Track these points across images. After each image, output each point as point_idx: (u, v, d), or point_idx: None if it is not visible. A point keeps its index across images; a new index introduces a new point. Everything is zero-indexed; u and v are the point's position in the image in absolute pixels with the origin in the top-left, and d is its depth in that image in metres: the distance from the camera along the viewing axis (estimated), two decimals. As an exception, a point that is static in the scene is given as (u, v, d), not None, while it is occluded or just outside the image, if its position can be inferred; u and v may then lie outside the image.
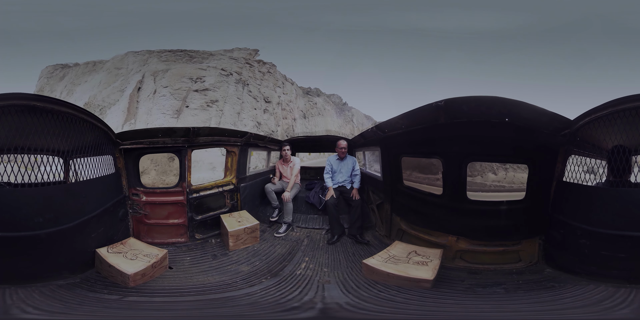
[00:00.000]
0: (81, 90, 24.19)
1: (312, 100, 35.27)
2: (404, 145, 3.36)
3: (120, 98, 21.19)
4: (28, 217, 2.20)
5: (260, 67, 25.84)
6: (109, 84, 22.94)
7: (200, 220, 3.83)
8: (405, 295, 2.35)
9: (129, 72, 23.23)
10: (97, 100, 21.80)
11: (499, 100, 2.30)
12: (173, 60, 22.87)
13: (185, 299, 2.38)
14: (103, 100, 21.70)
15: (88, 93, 23.17)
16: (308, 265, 3.12)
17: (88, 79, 24.94)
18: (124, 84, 22.24)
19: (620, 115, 2.13)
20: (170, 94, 20.19)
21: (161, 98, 20.11)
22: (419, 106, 2.61)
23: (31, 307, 1.90)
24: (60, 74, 27.87)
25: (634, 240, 2.04)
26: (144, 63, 23.33)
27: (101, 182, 2.95)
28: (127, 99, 20.52)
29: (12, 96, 2.11)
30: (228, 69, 22.61)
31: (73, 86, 25.07)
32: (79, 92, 24.11)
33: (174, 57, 23.35)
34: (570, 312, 1.92)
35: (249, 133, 4.43)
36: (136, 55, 24.46)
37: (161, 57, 23.49)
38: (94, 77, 24.83)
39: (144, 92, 20.74)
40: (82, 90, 24.15)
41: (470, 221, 2.83)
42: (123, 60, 24.73)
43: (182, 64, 22.44)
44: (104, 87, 22.97)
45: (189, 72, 21.23)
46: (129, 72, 23.13)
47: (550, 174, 2.61)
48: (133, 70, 23.14)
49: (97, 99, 21.98)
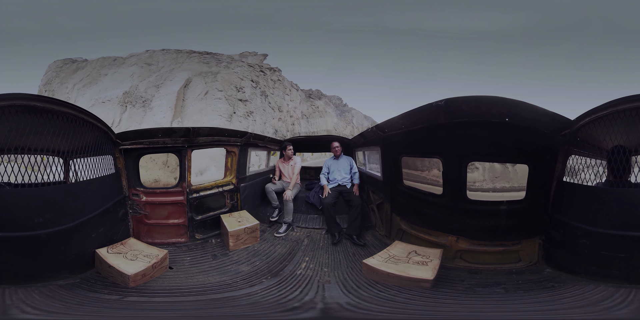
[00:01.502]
0: (107, 80, 24.61)
1: (314, 104, 35.86)
2: (404, 145, 3.36)
3: (156, 93, 22.17)
4: (28, 217, 2.20)
5: (271, 75, 27.32)
6: (142, 77, 23.64)
7: (200, 220, 3.82)
8: (405, 295, 2.35)
9: (160, 68, 24.18)
10: (139, 92, 22.62)
11: (499, 100, 2.30)
12: (205, 62, 24.29)
13: (186, 299, 2.37)
14: (145, 92, 22.53)
15: (120, 84, 23.75)
16: (308, 265, 3.12)
17: (108, 72, 25.33)
18: (159, 79, 23.12)
19: (620, 116, 2.13)
20: (225, 98, 22.14)
21: (216, 100, 21.82)
22: (419, 106, 2.61)
23: (30, 307, 1.89)
24: (73, 67, 28.02)
25: (634, 240, 2.04)
26: (175, 62, 24.31)
27: (101, 183, 2.95)
28: (173, 96, 21.64)
29: (12, 96, 2.11)
30: (248, 77, 24.75)
31: (93, 78, 25.37)
32: (104, 82, 24.54)
33: (206, 59, 24.70)
34: (570, 312, 1.92)
35: (248, 133, 4.42)
36: (165, 53, 25.31)
37: (192, 58, 24.53)
38: (118, 70, 25.28)
39: (192, 91, 22.02)
40: (107, 80, 24.58)
41: (470, 221, 2.83)
42: (152, 56, 25.31)
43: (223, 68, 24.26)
44: (139, 80, 23.59)
45: (234, 80, 23.48)
46: (160, 69, 24.09)
47: (550, 174, 2.60)
48: (165, 67, 24.11)
49: (139, 90, 22.78)
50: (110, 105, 22.35)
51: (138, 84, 23.22)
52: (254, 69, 25.91)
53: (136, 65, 24.98)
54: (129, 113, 21.88)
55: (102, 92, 23.29)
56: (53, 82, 27.23)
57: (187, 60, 24.80)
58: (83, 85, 25.00)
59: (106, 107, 22.23)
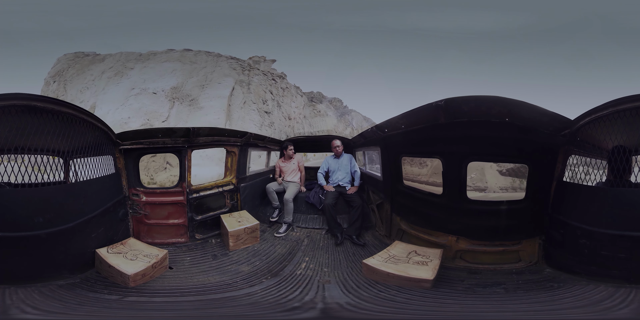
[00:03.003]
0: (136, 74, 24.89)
1: (316, 108, 36.48)
2: (404, 145, 3.36)
3: (201, 93, 23.04)
4: (28, 217, 2.20)
5: (280, 83, 28.44)
6: (184, 76, 24.22)
7: (200, 221, 3.82)
8: (405, 295, 2.35)
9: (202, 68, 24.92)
10: (186, 89, 23.35)
11: (499, 100, 2.30)
12: (233, 68, 25.54)
13: (186, 299, 2.37)
14: (191, 90, 23.26)
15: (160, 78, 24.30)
16: (308, 265, 3.12)
17: (135, 66, 25.67)
18: (203, 80, 23.90)
19: (621, 115, 2.13)
20: (257, 110, 24.00)
21: (251, 111, 23.61)
22: (419, 106, 2.61)
23: (31, 307, 1.89)
24: (88, 59, 28.14)
25: (634, 240, 2.04)
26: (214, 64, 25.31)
27: (101, 183, 2.95)
28: (224, 100, 22.92)
29: (12, 96, 2.11)
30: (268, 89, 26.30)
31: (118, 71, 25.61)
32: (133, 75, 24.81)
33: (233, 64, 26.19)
34: (570, 312, 1.92)
35: (248, 133, 4.42)
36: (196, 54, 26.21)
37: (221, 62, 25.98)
38: (149, 65, 25.64)
39: (235, 99, 23.60)
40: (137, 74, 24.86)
41: (470, 221, 2.83)
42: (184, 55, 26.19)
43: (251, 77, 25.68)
44: (182, 77, 24.16)
45: (261, 93, 25.22)
46: (202, 69, 24.86)
47: (550, 174, 2.60)
48: (207, 68, 24.93)
49: (186, 87, 23.48)
50: (157, 98, 22.78)
51: (184, 82, 23.92)
52: (267, 77, 26.91)
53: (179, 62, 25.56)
54: (177, 109, 22.45)
55: (147, 83, 23.67)
56: (65, 73, 27.27)
57: (220, 63, 25.73)
58: (109, 76, 25.26)
59: (156, 99, 22.73)
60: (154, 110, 21.77)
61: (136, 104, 22.01)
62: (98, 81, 24.91)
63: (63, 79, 26.89)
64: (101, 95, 23.20)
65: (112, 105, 22.14)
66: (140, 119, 21.12)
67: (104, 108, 22.04)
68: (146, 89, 23.03)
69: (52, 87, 26.76)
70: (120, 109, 21.87)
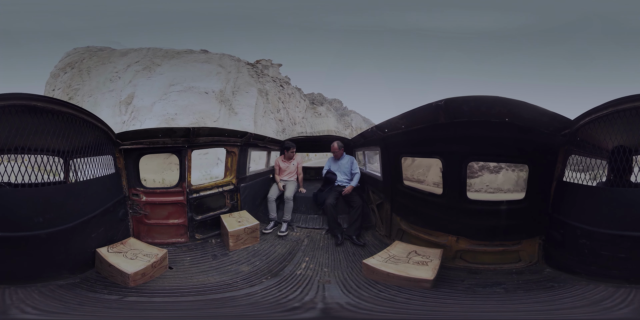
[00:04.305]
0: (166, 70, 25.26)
1: (317, 111, 37.04)
2: (404, 145, 3.36)
3: (233, 99, 24.19)
4: (28, 217, 2.20)
5: (287, 89, 29.21)
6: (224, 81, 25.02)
7: (200, 221, 3.83)
8: (405, 295, 2.35)
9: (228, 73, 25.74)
10: (227, 94, 24.37)
11: (499, 100, 2.30)
12: (251, 75, 26.60)
13: (186, 299, 2.37)
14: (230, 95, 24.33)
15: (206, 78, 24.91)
16: (308, 265, 3.12)
17: (161, 62, 26.05)
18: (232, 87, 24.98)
19: (621, 115, 2.13)
20: (274, 119, 25.30)
21: (270, 120, 24.92)
22: (419, 106, 2.61)
23: (31, 307, 1.89)
24: (105, 53, 28.22)
25: (634, 240, 2.04)
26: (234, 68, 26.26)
27: (101, 182, 2.95)
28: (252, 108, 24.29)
29: (12, 96, 2.11)
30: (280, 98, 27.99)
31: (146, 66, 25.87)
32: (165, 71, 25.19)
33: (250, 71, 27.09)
34: (570, 312, 1.92)
35: (248, 133, 4.42)
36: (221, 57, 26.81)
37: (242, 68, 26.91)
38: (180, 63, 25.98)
39: (259, 108, 24.84)
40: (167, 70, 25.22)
41: (470, 221, 2.83)
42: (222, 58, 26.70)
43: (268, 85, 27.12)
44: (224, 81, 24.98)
45: (276, 103, 26.61)
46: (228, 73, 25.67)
47: (550, 174, 2.60)
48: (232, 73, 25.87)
49: (227, 92, 24.43)
50: (207, 98, 23.30)
51: (225, 86, 24.83)
52: (276, 84, 27.70)
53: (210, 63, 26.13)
54: (223, 111, 23.12)
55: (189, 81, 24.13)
56: (80, 65, 27.39)
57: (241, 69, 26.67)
58: (137, 70, 25.58)
59: (206, 99, 23.22)
60: (205, 110, 22.36)
61: (181, 101, 22.45)
62: (124, 73, 25.18)
63: (79, 69, 26.92)
64: (140, 87, 23.41)
65: (151, 98, 22.51)
66: (189, 117, 21.59)
67: (146, 100, 22.41)
68: (193, 87, 23.42)
69: (63, 77, 26.83)
70: (161, 103, 22.22)
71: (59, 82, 26.71)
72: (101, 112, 21.91)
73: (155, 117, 21.74)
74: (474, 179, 13.54)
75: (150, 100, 22.32)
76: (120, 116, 22.32)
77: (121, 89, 23.73)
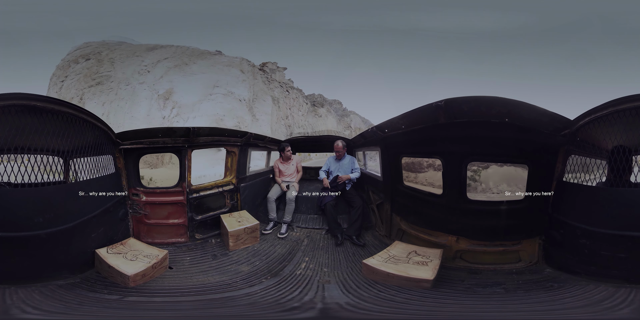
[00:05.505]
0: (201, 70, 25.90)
1: (317, 113, 37.51)
2: (404, 145, 3.36)
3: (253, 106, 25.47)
4: (28, 217, 2.20)
5: (292, 93, 30.34)
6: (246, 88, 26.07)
7: (200, 220, 3.83)
8: (405, 295, 2.35)
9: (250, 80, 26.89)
10: (251, 101, 25.95)
11: (499, 100, 2.30)
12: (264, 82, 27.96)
13: (186, 299, 2.38)
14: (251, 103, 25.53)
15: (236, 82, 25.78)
16: (308, 265, 3.12)
17: (189, 61, 26.73)
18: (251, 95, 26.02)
19: (621, 115, 2.13)
20: (284, 126, 26.44)
21: (282, 126, 26.11)
22: (419, 106, 2.61)
23: (31, 307, 1.90)
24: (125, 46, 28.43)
25: (634, 240, 2.04)
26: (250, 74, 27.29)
27: (101, 182, 2.95)
28: (268, 116, 25.51)
29: (12, 96, 2.11)
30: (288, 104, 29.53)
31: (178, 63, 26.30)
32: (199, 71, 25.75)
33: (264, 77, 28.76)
34: (570, 312, 1.93)
35: (248, 133, 4.43)
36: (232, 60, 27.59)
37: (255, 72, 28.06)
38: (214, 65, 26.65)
39: (273, 116, 25.88)
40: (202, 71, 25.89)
41: (470, 221, 2.83)
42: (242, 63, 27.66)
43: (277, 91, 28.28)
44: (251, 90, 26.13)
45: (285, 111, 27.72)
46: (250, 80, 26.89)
47: (550, 174, 2.61)
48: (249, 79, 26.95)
49: (251, 99, 26.01)
50: (242, 105, 24.21)
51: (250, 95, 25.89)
52: (283, 88, 28.48)
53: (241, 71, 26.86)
54: (250, 118, 24.11)
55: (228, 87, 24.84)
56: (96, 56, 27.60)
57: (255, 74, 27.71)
58: (168, 66, 25.91)
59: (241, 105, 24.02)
60: (241, 115, 23.49)
61: (227, 104, 23.37)
62: (153, 68, 25.60)
63: (97, 59, 27.10)
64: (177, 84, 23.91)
65: (191, 97, 23.01)
66: (232, 120, 22.49)
67: (187, 98, 22.85)
68: (232, 93, 24.36)
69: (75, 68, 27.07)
70: (209, 103, 22.88)
71: (71, 71, 26.80)
72: (140, 103, 22.29)
73: (203, 116, 22.49)
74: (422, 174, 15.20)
75: (191, 99, 22.73)
76: (160, 111, 22.66)
77: (153, 82, 24.09)
